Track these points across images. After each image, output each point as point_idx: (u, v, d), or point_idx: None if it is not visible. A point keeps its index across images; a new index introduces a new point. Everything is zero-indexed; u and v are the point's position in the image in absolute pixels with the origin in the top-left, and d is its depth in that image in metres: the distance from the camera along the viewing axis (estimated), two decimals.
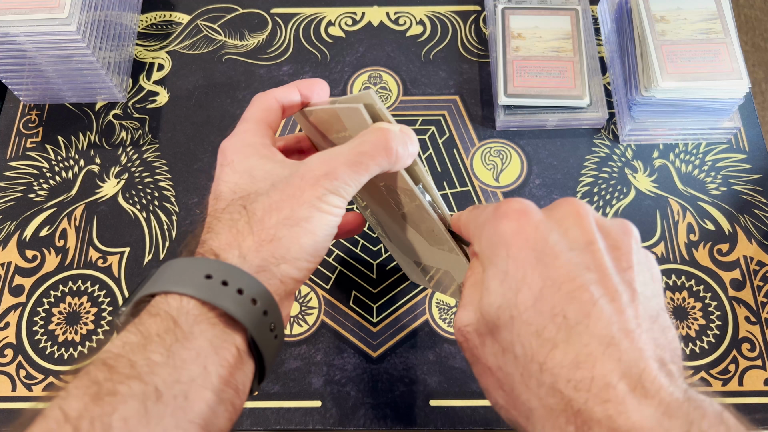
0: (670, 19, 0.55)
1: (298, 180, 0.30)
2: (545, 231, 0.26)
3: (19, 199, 0.56)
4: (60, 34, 0.51)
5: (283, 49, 0.63)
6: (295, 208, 0.29)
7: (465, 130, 0.58)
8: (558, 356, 0.23)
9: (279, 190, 0.30)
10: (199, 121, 0.59)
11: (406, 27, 0.64)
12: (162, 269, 0.29)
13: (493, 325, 0.25)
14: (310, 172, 0.30)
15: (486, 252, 0.27)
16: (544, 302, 0.24)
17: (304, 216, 0.29)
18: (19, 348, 0.50)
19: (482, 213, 0.29)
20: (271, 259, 0.29)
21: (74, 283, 0.52)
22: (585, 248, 0.25)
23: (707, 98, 0.53)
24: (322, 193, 0.30)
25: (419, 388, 0.48)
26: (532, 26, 0.59)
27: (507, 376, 0.25)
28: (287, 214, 0.29)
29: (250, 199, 0.31)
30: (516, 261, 0.25)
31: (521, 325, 0.24)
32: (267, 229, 0.29)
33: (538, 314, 0.24)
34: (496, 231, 0.27)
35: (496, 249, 0.26)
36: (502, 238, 0.26)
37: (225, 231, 0.30)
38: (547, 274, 0.24)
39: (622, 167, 0.56)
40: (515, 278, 0.25)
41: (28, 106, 0.61)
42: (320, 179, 0.30)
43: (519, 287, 0.25)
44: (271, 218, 0.29)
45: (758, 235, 0.53)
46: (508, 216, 0.26)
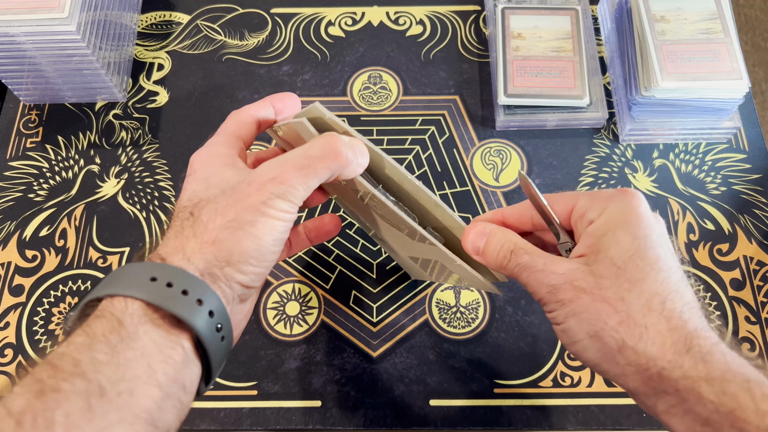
0: (670, 19, 0.55)
1: (246, 185, 0.31)
2: (658, 224, 0.34)
3: (19, 199, 0.56)
4: (60, 34, 0.51)
5: (283, 49, 0.63)
6: (240, 212, 0.31)
7: (465, 130, 0.58)
8: (678, 297, 0.31)
9: (227, 195, 0.31)
10: (199, 121, 0.59)
11: (406, 27, 0.64)
12: (110, 274, 0.30)
13: (622, 267, 0.32)
14: (258, 177, 0.32)
15: (613, 219, 0.33)
16: (665, 263, 0.32)
17: (249, 220, 0.31)
18: (19, 348, 0.50)
19: (598, 192, 0.35)
20: (214, 261, 0.30)
21: (74, 283, 0.52)
22: (670, 240, 0.34)
23: (707, 98, 0.53)
24: (268, 198, 0.31)
25: (419, 388, 0.48)
26: (532, 26, 0.59)
27: (628, 303, 0.31)
28: (231, 218, 0.31)
29: (200, 205, 0.32)
30: (645, 230, 0.32)
31: (650, 272, 0.31)
32: (209, 232, 0.31)
33: (660, 268, 0.32)
34: (629, 205, 0.33)
35: (627, 217, 0.33)
36: (634, 212, 0.33)
37: (173, 237, 0.32)
38: (663, 246, 0.32)
39: (622, 167, 0.56)
40: (645, 241, 0.32)
41: (28, 106, 0.61)
42: (267, 184, 0.31)
43: (648, 247, 0.32)
44: (215, 222, 0.31)
45: (758, 235, 0.53)
46: (639, 198, 0.34)
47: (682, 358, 0.29)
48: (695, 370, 0.29)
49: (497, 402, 0.47)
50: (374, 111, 0.59)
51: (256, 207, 0.31)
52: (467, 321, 0.50)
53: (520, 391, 0.47)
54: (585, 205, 0.34)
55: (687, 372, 0.29)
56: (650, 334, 0.30)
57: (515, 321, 0.50)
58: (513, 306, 0.51)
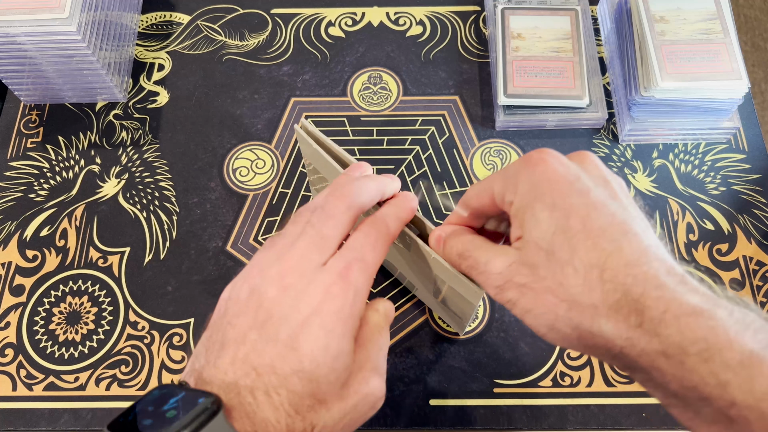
0: (669, 20, 0.55)
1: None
2: (575, 171, 0.31)
3: (20, 199, 0.56)
4: (60, 34, 0.52)
5: (283, 49, 0.63)
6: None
7: (465, 130, 0.58)
8: (614, 261, 0.28)
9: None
10: (199, 121, 0.59)
11: (406, 27, 0.64)
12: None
13: (549, 249, 0.30)
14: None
15: (527, 195, 0.31)
16: (592, 223, 0.29)
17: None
18: (19, 348, 0.50)
19: (507, 169, 0.33)
20: None
21: (74, 283, 0.52)
22: (605, 185, 0.31)
23: (707, 98, 0.53)
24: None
25: (419, 388, 0.48)
26: (532, 26, 0.59)
27: (567, 288, 0.29)
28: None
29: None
30: (560, 194, 0.30)
31: (577, 243, 0.29)
32: None
33: (588, 233, 0.29)
34: (535, 173, 0.31)
35: (538, 188, 0.31)
36: (543, 177, 0.31)
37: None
38: (586, 203, 0.30)
39: (621, 167, 0.56)
40: (563, 208, 0.30)
41: (29, 106, 0.61)
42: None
43: (568, 214, 0.29)
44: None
45: (758, 235, 0.53)
46: (543, 161, 0.31)
47: (636, 333, 0.27)
48: (651, 345, 0.26)
49: (497, 402, 0.47)
50: (374, 111, 0.59)
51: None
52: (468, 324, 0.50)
53: (520, 391, 0.48)
54: (500, 189, 0.33)
55: (644, 348, 0.27)
56: (600, 314, 0.28)
57: (515, 321, 0.50)
58: None
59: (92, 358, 0.49)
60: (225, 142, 0.58)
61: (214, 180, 0.56)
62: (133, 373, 0.48)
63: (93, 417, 0.47)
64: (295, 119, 0.59)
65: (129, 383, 0.48)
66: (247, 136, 0.58)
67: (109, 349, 0.49)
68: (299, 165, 0.57)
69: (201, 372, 0.30)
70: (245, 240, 0.54)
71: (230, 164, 0.57)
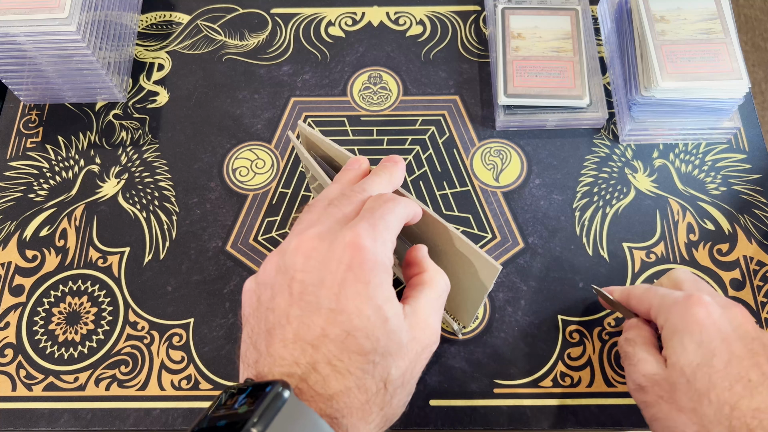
0: (670, 19, 0.55)
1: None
2: (725, 322, 0.36)
3: (19, 199, 0.56)
4: (60, 34, 0.51)
5: (283, 49, 0.63)
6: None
7: (465, 130, 0.58)
8: (744, 403, 0.33)
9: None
10: (199, 121, 0.59)
11: (406, 27, 0.64)
12: (302, 427, 0.27)
13: (691, 377, 0.34)
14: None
15: (678, 326, 0.36)
16: (733, 367, 0.34)
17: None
18: (19, 348, 0.50)
19: (668, 296, 0.38)
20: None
21: (74, 283, 0.52)
22: (750, 341, 0.35)
23: (707, 98, 0.53)
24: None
25: (419, 388, 0.48)
26: (532, 26, 0.59)
27: (700, 415, 0.34)
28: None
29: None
30: (709, 336, 0.35)
31: (717, 380, 0.34)
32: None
33: (728, 375, 0.34)
34: (689, 312, 0.36)
35: (689, 325, 0.36)
36: (695, 318, 0.36)
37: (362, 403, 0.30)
38: (731, 350, 0.34)
39: (622, 167, 0.56)
40: (709, 347, 0.35)
41: (28, 106, 0.61)
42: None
43: (713, 354, 0.34)
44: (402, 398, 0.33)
45: (758, 235, 0.53)
46: (700, 304, 0.36)
47: None
48: None
49: (497, 402, 0.47)
50: (374, 111, 0.59)
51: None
52: (474, 316, 0.50)
53: (520, 391, 0.47)
54: (656, 310, 0.38)
55: None
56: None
57: (515, 321, 0.50)
58: (513, 306, 0.51)
59: (92, 358, 0.49)
60: (225, 142, 0.58)
61: (214, 180, 0.56)
62: (132, 374, 0.48)
63: (93, 417, 0.47)
64: (295, 119, 0.59)
65: (129, 383, 0.48)
66: (247, 136, 0.58)
67: (108, 350, 0.49)
68: (299, 165, 0.57)
69: (256, 366, 0.30)
70: (245, 240, 0.54)
71: (230, 164, 0.57)
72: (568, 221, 0.54)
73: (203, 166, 0.57)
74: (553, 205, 0.55)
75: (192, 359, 0.49)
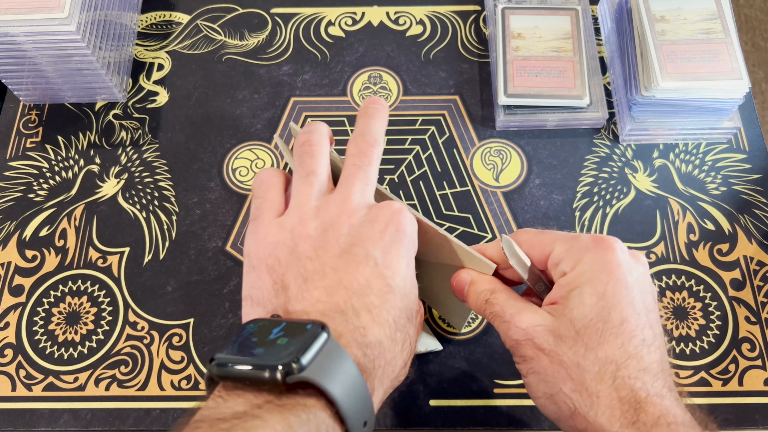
0: (670, 19, 0.55)
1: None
2: (633, 272, 0.34)
3: (19, 199, 0.56)
4: (60, 34, 0.51)
5: (283, 49, 0.63)
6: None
7: (465, 130, 0.58)
8: (632, 363, 0.31)
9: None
10: (199, 121, 0.59)
11: (406, 27, 0.64)
12: (339, 368, 0.27)
13: (583, 330, 0.32)
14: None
15: (585, 273, 0.33)
16: (629, 324, 0.32)
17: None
18: (18, 348, 0.50)
19: (576, 240, 0.35)
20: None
21: (74, 283, 0.52)
22: (648, 294, 0.34)
23: (707, 98, 0.53)
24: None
25: (419, 388, 0.48)
26: (532, 26, 0.59)
27: (582, 370, 0.31)
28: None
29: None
30: (614, 288, 0.32)
31: (608, 337, 0.31)
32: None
33: (622, 332, 0.32)
34: (601, 259, 0.33)
35: (597, 273, 0.33)
36: (605, 267, 0.33)
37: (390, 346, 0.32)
38: (631, 307, 0.32)
39: (622, 167, 0.56)
40: (611, 301, 0.32)
41: (28, 106, 0.61)
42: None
43: (612, 308, 0.32)
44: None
45: (758, 235, 0.53)
46: (614, 250, 0.33)
47: (628, 430, 0.30)
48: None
49: (497, 402, 0.47)
50: None
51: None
52: (467, 321, 0.50)
53: (520, 391, 0.47)
54: (560, 255, 0.35)
55: None
56: (601, 404, 0.31)
57: None
58: None
59: (92, 358, 0.49)
60: (225, 142, 0.58)
61: (214, 180, 0.56)
62: (132, 374, 0.48)
63: (92, 417, 0.47)
64: (295, 119, 0.59)
65: (128, 383, 0.48)
66: (246, 136, 0.58)
67: (108, 350, 0.49)
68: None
69: (287, 307, 0.31)
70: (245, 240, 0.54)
71: (230, 164, 0.57)
72: (568, 221, 0.54)
73: (203, 166, 0.57)
74: (553, 205, 0.55)
75: (192, 359, 0.49)
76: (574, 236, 0.35)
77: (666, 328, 0.49)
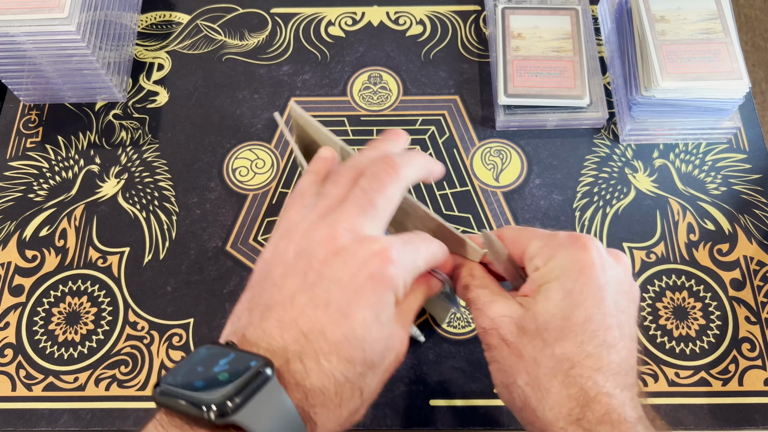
0: (670, 19, 0.55)
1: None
2: (608, 272, 0.33)
3: (19, 199, 0.56)
4: (60, 34, 0.51)
5: (283, 48, 0.63)
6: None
7: (465, 130, 0.58)
8: (588, 362, 0.31)
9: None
10: (199, 121, 0.59)
11: (406, 27, 0.64)
12: (275, 413, 0.26)
13: (543, 325, 0.32)
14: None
15: (555, 269, 0.33)
16: (592, 323, 0.31)
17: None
18: (19, 348, 0.50)
19: (553, 238, 0.34)
20: None
21: (74, 283, 0.52)
22: (622, 294, 0.33)
23: (707, 98, 0.53)
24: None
25: (419, 388, 0.48)
26: (532, 26, 0.59)
27: (538, 365, 0.31)
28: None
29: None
30: (582, 287, 0.32)
31: (569, 334, 0.31)
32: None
33: (584, 331, 0.31)
34: (574, 257, 0.33)
35: (567, 270, 0.32)
36: (577, 265, 0.32)
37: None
38: (598, 307, 0.32)
39: (622, 167, 0.56)
40: (577, 299, 0.31)
41: (28, 106, 0.61)
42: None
43: (576, 306, 0.31)
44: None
45: (758, 235, 0.53)
46: (587, 249, 0.33)
47: (572, 427, 0.30)
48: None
49: (497, 402, 0.47)
50: (374, 111, 0.59)
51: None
52: (467, 321, 0.50)
53: None
54: (535, 251, 0.34)
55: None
56: (550, 400, 0.31)
57: None
58: None
59: (92, 358, 0.49)
60: (225, 142, 0.58)
61: (214, 180, 0.56)
62: (132, 374, 0.48)
63: (92, 417, 0.47)
64: None
65: (128, 383, 0.48)
66: (246, 136, 0.58)
67: (108, 350, 0.49)
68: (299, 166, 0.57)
69: (245, 333, 0.29)
70: (245, 240, 0.54)
71: (230, 164, 0.57)
72: (568, 221, 0.54)
73: (203, 166, 0.57)
74: (553, 205, 0.55)
75: None
76: (552, 234, 0.35)
77: (658, 326, 0.49)
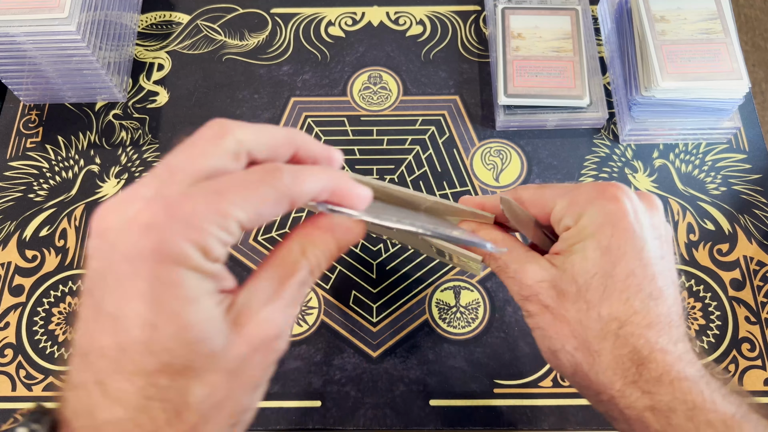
0: (670, 19, 0.55)
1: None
2: (642, 220, 0.31)
3: (19, 199, 0.56)
4: (60, 34, 0.51)
5: (283, 49, 0.63)
6: None
7: (465, 130, 0.58)
8: (637, 319, 0.29)
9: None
10: (199, 121, 0.59)
11: (406, 27, 0.64)
12: None
13: (585, 286, 0.30)
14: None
15: (588, 227, 0.31)
16: (635, 278, 0.30)
17: None
18: (19, 348, 0.50)
19: (578, 192, 0.32)
20: None
21: (74, 283, 0.52)
22: (659, 240, 0.32)
23: (707, 98, 0.53)
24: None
25: (419, 388, 0.48)
26: (532, 26, 0.59)
27: (585, 327, 0.30)
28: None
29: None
30: (619, 241, 0.30)
31: (613, 292, 0.30)
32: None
33: (627, 287, 0.30)
34: (605, 210, 0.31)
35: (601, 226, 0.31)
36: (609, 219, 0.31)
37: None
38: (638, 259, 0.30)
39: (622, 167, 0.56)
40: (615, 255, 0.30)
41: (28, 106, 0.61)
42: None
43: (616, 262, 0.30)
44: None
45: (758, 235, 0.53)
46: (618, 200, 0.31)
47: (630, 389, 0.29)
48: (641, 401, 0.29)
49: (497, 402, 0.47)
50: (374, 111, 0.59)
51: None
52: (467, 321, 0.50)
53: (520, 391, 0.47)
54: (562, 210, 0.33)
55: (632, 402, 0.29)
56: (602, 362, 0.30)
57: (515, 321, 0.50)
58: (513, 306, 0.50)
59: None
60: None
61: None
62: None
63: None
64: (295, 119, 0.59)
65: None
66: None
67: None
68: None
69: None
70: (245, 240, 0.54)
71: None
72: None
73: None
74: None
75: None
76: (575, 187, 0.33)
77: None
